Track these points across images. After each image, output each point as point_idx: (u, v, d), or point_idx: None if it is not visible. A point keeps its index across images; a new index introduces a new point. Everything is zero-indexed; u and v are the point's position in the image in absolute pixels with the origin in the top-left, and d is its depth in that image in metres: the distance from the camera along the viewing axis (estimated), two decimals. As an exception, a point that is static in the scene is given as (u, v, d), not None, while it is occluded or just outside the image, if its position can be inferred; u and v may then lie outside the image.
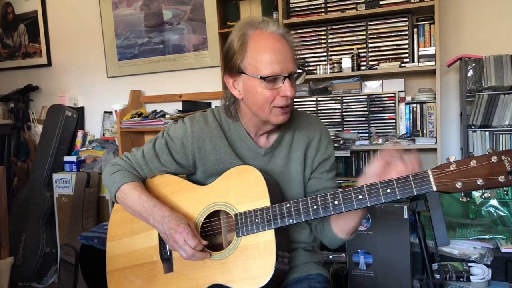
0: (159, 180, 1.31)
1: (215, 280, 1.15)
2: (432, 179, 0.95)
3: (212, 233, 1.23)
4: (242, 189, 1.17)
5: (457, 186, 0.92)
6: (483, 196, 0.93)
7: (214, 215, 1.22)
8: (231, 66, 1.16)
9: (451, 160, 0.94)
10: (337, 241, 1.24)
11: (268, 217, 1.11)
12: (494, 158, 0.90)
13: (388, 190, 0.99)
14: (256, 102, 1.15)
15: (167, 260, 1.24)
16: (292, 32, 2.75)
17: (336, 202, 1.04)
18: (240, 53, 1.13)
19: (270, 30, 1.14)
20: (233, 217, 1.16)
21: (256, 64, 1.11)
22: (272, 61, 1.10)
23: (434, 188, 0.94)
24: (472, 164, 0.91)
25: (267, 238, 1.11)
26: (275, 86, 1.12)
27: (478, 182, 0.91)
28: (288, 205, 1.10)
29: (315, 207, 1.07)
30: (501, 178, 0.89)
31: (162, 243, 1.26)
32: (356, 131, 2.65)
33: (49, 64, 3.66)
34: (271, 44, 1.11)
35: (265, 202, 1.13)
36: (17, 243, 3.19)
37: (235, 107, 1.25)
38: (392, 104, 2.59)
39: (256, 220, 1.12)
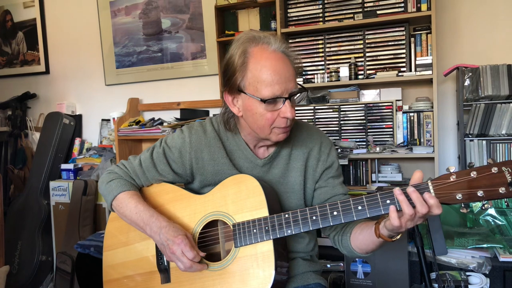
0: (155, 188, 1.31)
1: (213, 290, 1.14)
2: (432, 190, 0.94)
3: (209, 243, 1.22)
4: (240, 199, 1.16)
5: (458, 198, 0.91)
6: (483, 207, 0.92)
7: (211, 224, 1.22)
8: (231, 84, 1.14)
9: (451, 171, 0.93)
10: (356, 255, 1.24)
11: (267, 228, 1.10)
12: (494, 169, 0.89)
13: (388, 201, 0.98)
14: (256, 122, 1.14)
15: (164, 270, 1.23)
16: (290, 41, 2.77)
17: (335, 213, 1.04)
18: (241, 71, 1.11)
19: (272, 48, 1.10)
20: (231, 227, 1.16)
21: (256, 85, 1.09)
22: (272, 82, 1.08)
23: None
24: (472, 175, 0.91)
25: (265, 249, 1.10)
26: (275, 107, 1.10)
27: (479, 194, 0.90)
28: (287, 215, 1.09)
29: (314, 217, 1.06)
30: (502, 190, 0.88)
31: (159, 253, 1.25)
32: (354, 139, 2.66)
33: (47, 71, 3.67)
34: (272, 64, 1.08)
35: (264, 212, 1.12)
36: (13, 251, 3.16)
37: (234, 121, 1.24)
38: (390, 113, 2.60)
39: (255, 230, 1.11)
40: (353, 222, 1.17)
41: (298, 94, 1.15)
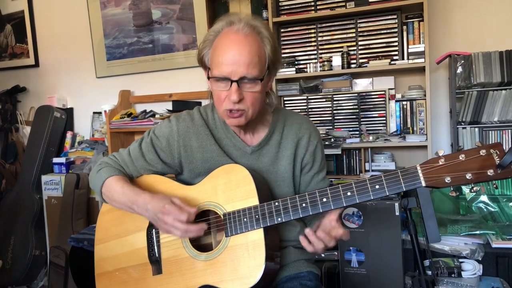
0: (146, 180, 1.29)
1: (205, 281, 1.14)
2: (421, 174, 0.94)
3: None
4: (230, 188, 1.15)
5: (446, 181, 0.91)
6: (472, 190, 0.92)
7: (203, 215, 1.21)
8: (201, 60, 1.18)
9: (440, 155, 0.93)
10: None
11: (257, 216, 1.10)
12: (482, 152, 0.90)
13: (377, 187, 0.98)
14: (215, 100, 1.17)
15: (155, 262, 1.23)
16: (282, 30, 2.75)
17: (324, 200, 1.04)
18: (207, 47, 1.15)
19: (235, 28, 1.10)
20: (222, 216, 1.15)
21: (212, 62, 1.13)
22: (222, 62, 1.08)
23: (423, 184, 0.93)
24: (461, 158, 0.91)
25: (256, 237, 1.10)
26: (226, 87, 1.10)
27: (467, 176, 0.90)
28: (276, 203, 1.09)
29: (303, 205, 1.06)
30: (490, 172, 0.89)
31: (150, 244, 1.24)
32: (347, 129, 2.65)
33: (36, 64, 3.62)
34: (228, 44, 1.09)
35: (254, 201, 1.11)
36: (6, 246, 3.14)
37: None
38: (382, 102, 2.59)
39: (245, 219, 1.11)
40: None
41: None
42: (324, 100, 2.70)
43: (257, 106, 1.15)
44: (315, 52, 2.71)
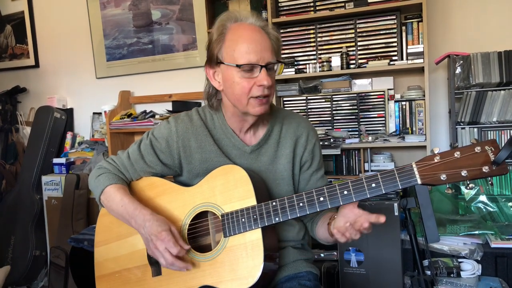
0: (144, 182, 1.30)
1: (204, 282, 1.14)
2: (416, 172, 0.94)
3: (200, 235, 1.22)
4: (228, 189, 1.16)
5: (442, 178, 0.92)
6: (468, 187, 0.92)
7: (202, 216, 1.21)
8: (209, 56, 1.18)
9: (436, 152, 0.94)
10: (323, 243, 1.29)
11: (255, 216, 1.10)
12: (477, 149, 0.90)
13: (373, 185, 0.98)
14: (234, 93, 1.15)
15: (155, 263, 1.23)
16: (281, 31, 2.76)
17: (321, 199, 1.04)
18: (218, 42, 1.15)
19: (249, 21, 1.15)
20: (220, 217, 1.15)
21: (233, 53, 1.12)
22: (248, 50, 1.10)
23: (419, 181, 0.93)
24: (456, 155, 0.91)
25: (254, 238, 1.10)
26: (252, 75, 1.12)
27: (462, 173, 0.90)
28: (274, 203, 1.09)
29: (301, 204, 1.06)
30: (485, 169, 0.89)
31: (149, 246, 1.24)
32: (346, 129, 2.66)
33: (36, 65, 3.62)
34: (248, 34, 1.12)
35: (251, 201, 1.12)
36: (6, 246, 3.15)
37: (217, 99, 1.25)
38: (382, 102, 2.60)
39: (243, 219, 1.11)
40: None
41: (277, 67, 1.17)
42: (323, 100, 2.70)
43: (274, 92, 1.20)
44: (314, 52, 2.71)
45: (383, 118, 2.60)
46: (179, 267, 1.11)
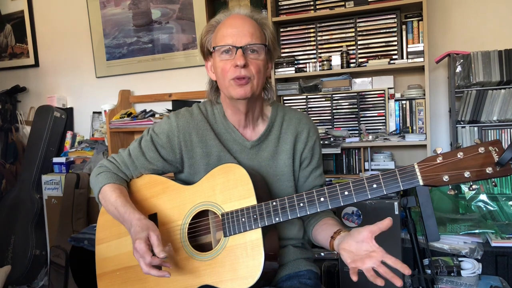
0: (144, 180, 1.29)
1: (204, 281, 1.13)
2: (418, 173, 0.93)
3: (200, 234, 1.21)
4: (228, 188, 1.15)
5: (444, 179, 0.90)
6: (471, 189, 0.90)
7: (203, 214, 1.21)
8: (203, 48, 1.23)
9: (438, 152, 0.92)
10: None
11: (255, 216, 1.09)
12: (481, 149, 0.87)
13: (375, 186, 0.97)
14: (218, 77, 1.19)
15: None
16: (281, 30, 2.75)
17: (322, 199, 1.03)
18: (209, 34, 1.20)
19: (235, 11, 1.19)
20: (220, 216, 1.15)
21: (215, 40, 1.18)
22: (226, 34, 1.15)
23: (421, 182, 0.91)
24: (459, 156, 0.89)
25: (254, 237, 1.09)
26: (230, 57, 1.14)
27: (466, 175, 0.88)
28: (274, 203, 1.09)
29: (301, 204, 1.06)
30: (489, 170, 0.86)
31: (149, 244, 1.24)
32: (346, 128, 2.65)
33: (36, 64, 3.62)
34: (230, 21, 1.17)
35: (252, 200, 1.11)
36: (6, 246, 3.15)
37: (217, 94, 1.28)
38: (382, 101, 2.59)
39: (243, 219, 1.11)
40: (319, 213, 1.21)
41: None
42: (323, 99, 2.70)
43: (261, 77, 1.18)
44: (314, 51, 2.71)
45: (383, 117, 2.59)
46: (155, 275, 1.05)
